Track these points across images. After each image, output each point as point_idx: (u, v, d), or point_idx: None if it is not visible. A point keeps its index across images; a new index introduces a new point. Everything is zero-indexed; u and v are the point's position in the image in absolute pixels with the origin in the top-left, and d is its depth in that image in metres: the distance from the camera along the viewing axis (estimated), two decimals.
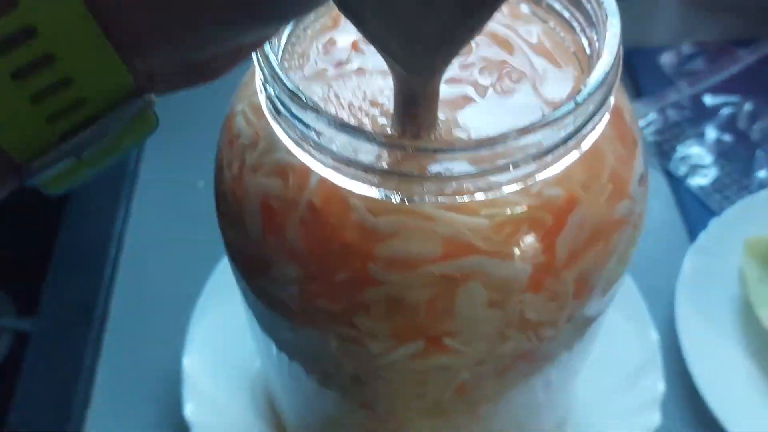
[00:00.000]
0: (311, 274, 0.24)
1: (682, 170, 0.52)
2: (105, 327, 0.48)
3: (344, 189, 0.22)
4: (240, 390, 0.42)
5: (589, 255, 0.24)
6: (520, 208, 0.23)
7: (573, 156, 0.22)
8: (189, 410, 0.41)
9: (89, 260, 0.50)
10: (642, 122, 0.54)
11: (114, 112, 0.16)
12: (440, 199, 0.22)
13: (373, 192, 0.22)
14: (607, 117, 0.23)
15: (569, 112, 0.21)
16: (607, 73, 0.22)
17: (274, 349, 0.30)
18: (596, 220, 0.24)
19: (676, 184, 0.52)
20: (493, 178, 0.22)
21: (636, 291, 0.44)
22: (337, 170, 0.22)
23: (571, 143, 0.22)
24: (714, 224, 0.48)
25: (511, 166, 0.21)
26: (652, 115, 0.54)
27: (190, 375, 0.42)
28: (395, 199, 0.22)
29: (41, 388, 0.45)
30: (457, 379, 0.26)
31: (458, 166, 0.21)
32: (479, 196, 0.22)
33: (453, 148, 0.21)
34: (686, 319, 0.44)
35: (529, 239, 0.23)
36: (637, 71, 0.57)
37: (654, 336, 0.42)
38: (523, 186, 0.22)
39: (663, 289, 0.47)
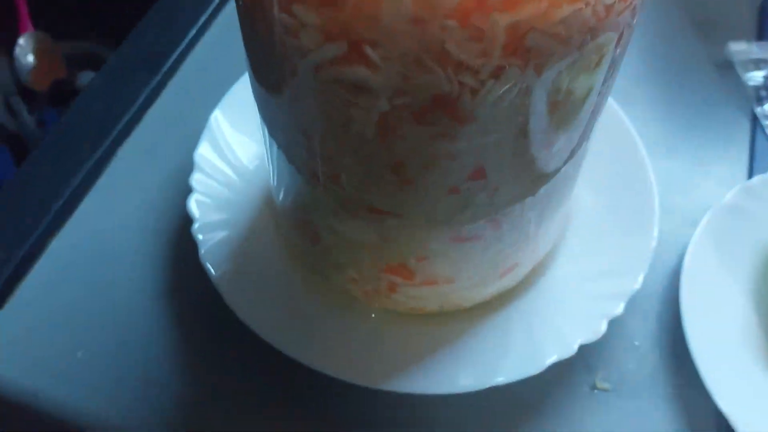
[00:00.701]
0: None
1: None
2: (168, 82, 0.52)
3: None
4: (250, 158, 0.45)
5: (526, 8, 0.24)
6: None
7: None
8: (199, 150, 0.44)
9: (180, 19, 0.54)
10: (745, 54, 0.51)
11: None
12: None
13: None
14: None
15: None
16: None
17: (266, 130, 0.34)
18: None
19: (758, 131, 0.49)
20: None
21: (655, 204, 0.42)
22: None
23: None
24: None
25: None
26: (762, 57, 0.51)
27: (212, 126, 0.45)
28: None
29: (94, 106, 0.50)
30: (377, 108, 0.26)
31: None
32: None
33: None
34: (701, 245, 0.42)
35: None
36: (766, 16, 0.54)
37: (651, 243, 0.41)
38: None
39: (694, 216, 0.45)
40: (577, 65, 0.27)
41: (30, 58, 0.74)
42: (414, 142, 0.28)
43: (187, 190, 0.43)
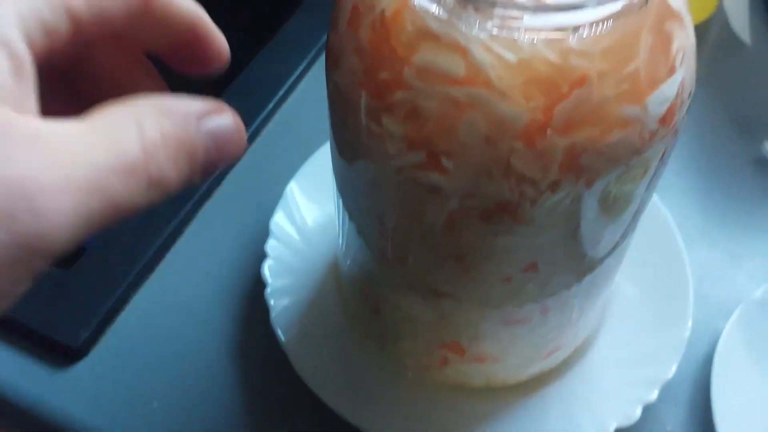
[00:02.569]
0: (367, 69, 0.30)
1: None
2: (248, 150, 0.57)
3: (410, 5, 0.28)
4: (320, 228, 0.49)
5: (582, 133, 0.28)
6: (542, 62, 0.27)
7: (604, 28, 0.27)
8: (275, 219, 0.48)
9: (261, 89, 0.59)
10: None
11: None
12: (481, 28, 0.27)
13: (429, 7, 0.28)
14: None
15: None
16: None
17: (341, 202, 0.38)
18: (599, 108, 0.28)
19: None
20: (529, 20, 0.27)
21: (689, 296, 0.46)
22: None
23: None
24: None
25: (544, 13, 0.26)
26: None
27: (288, 196, 0.50)
28: (442, 14, 0.27)
29: None
30: (448, 205, 0.31)
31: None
32: (514, 35, 0.27)
33: None
34: (732, 337, 0.45)
35: (536, 93, 0.27)
36: None
37: (685, 333, 0.44)
38: (552, 38, 0.27)
39: (727, 306, 0.48)
40: (623, 178, 0.31)
41: None
42: (477, 237, 0.32)
43: (261, 255, 0.47)
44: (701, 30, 0.63)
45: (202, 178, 0.22)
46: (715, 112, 0.59)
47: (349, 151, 0.33)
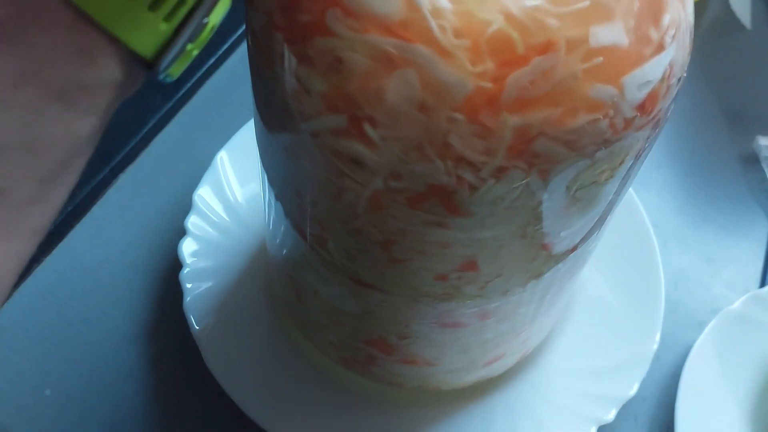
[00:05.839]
0: (284, 7, 0.24)
1: None
2: (180, 110, 0.51)
3: None
4: (251, 204, 0.43)
5: (539, 113, 0.22)
6: (500, 16, 0.22)
7: None
8: (199, 192, 0.43)
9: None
10: None
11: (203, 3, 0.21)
12: None
13: None
14: None
15: None
16: None
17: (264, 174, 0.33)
18: (563, 82, 0.22)
19: None
20: None
21: (660, 307, 0.41)
22: None
23: None
24: None
25: None
26: None
27: (216, 166, 0.44)
28: None
29: None
30: (372, 184, 0.25)
31: None
32: None
33: None
34: (703, 353, 0.41)
35: (487, 56, 0.22)
36: None
37: (652, 347, 0.39)
38: None
39: (700, 317, 0.43)
40: (587, 173, 0.25)
41: None
42: (405, 225, 0.26)
43: (182, 231, 0.42)
44: (698, 9, 0.58)
45: None
46: (705, 100, 0.54)
47: (265, 108, 0.28)
